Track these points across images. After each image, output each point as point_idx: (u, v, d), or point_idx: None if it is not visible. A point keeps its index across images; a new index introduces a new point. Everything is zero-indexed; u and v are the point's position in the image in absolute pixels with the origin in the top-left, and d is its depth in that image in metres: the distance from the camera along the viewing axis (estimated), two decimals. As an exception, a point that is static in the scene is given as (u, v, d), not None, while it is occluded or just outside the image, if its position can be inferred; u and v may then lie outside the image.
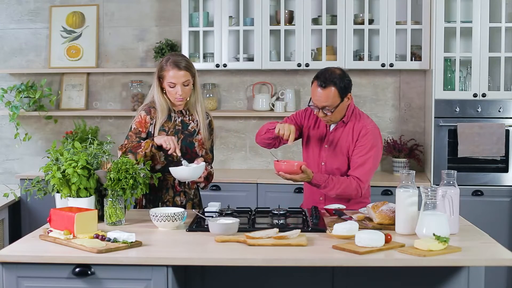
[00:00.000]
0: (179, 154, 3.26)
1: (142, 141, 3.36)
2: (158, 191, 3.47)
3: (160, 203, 3.46)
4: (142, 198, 3.50)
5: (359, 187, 3.36)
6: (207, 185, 3.62)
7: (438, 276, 2.82)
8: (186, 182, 3.50)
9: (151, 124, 3.41)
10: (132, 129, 3.41)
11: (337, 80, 3.37)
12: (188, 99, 3.46)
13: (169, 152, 3.26)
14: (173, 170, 3.29)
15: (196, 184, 3.57)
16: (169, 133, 3.42)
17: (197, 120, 3.52)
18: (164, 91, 3.44)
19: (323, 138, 3.54)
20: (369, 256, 2.56)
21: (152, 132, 3.41)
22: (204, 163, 3.36)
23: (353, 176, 3.38)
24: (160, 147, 3.29)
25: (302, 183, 3.57)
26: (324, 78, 3.38)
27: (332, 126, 3.52)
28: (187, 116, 3.52)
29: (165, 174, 3.45)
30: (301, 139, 3.66)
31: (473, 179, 4.67)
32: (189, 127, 3.51)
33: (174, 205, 3.46)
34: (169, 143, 3.24)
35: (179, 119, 3.48)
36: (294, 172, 3.34)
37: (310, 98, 3.45)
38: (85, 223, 2.81)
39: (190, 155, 3.46)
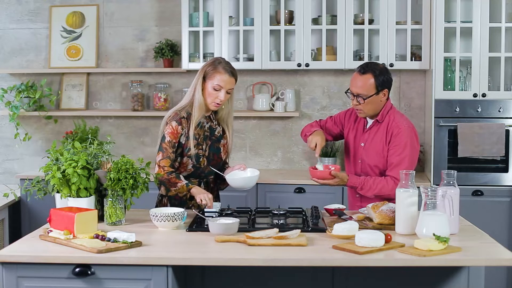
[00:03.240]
0: (213, 209, 3.29)
1: (180, 179, 3.36)
2: (183, 196, 3.46)
3: (185, 208, 3.45)
4: (167, 203, 3.50)
5: (395, 186, 3.29)
6: (226, 186, 3.68)
7: (438, 276, 2.82)
8: (211, 186, 3.56)
9: (181, 134, 3.41)
10: (166, 141, 3.39)
11: (377, 72, 3.43)
12: (223, 107, 3.49)
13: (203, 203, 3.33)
14: (230, 179, 3.39)
15: (217, 186, 3.62)
16: (199, 140, 3.43)
17: (221, 125, 3.56)
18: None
19: (360, 137, 3.57)
20: (369, 256, 2.56)
21: (184, 143, 3.40)
22: (258, 171, 3.44)
23: (390, 176, 3.39)
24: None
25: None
26: (366, 66, 3.47)
27: (368, 125, 3.55)
28: (214, 121, 3.54)
29: (190, 179, 3.46)
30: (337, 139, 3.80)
31: (473, 179, 4.67)
32: (216, 132, 3.53)
33: (199, 209, 3.47)
34: (206, 200, 3.28)
35: (208, 125, 3.50)
36: (325, 177, 3.38)
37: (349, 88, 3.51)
38: (85, 223, 2.81)
39: (216, 161, 3.51)
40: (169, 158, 3.37)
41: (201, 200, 3.27)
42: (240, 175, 3.44)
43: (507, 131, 4.61)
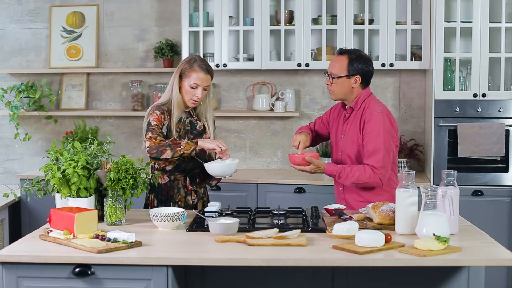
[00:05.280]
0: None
1: (176, 138, 3.39)
2: (169, 191, 3.48)
3: (171, 203, 3.47)
4: (153, 199, 3.52)
5: (373, 174, 3.32)
6: (217, 183, 3.68)
7: (438, 276, 2.82)
8: (197, 181, 3.56)
9: (164, 124, 3.42)
10: (153, 124, 3.39)
11: (353, 56, 3.43)
12: (201, 103, 3.52)
13: (218, 153, 3.35)
14: (208, 166, 3.35)
15: (205, 182, 3.61)
16: (180, 133, 3.45)
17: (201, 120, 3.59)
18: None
19: (341, 128, 3.57)
20: (369, 256, 2.56)
21: (165, 134, 3.43)
22: (237, 159, 3.44)
23: (367, 165, 3.36)
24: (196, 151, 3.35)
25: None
26: (346, 49, 3.51)
27: (347, 115, 3.55)
28: (194, 116, 3.56)
29: (176, 174, 3.47)
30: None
31: (473, 179, 4.67)
32: (197, 127, 3.56)
33: (186, 204, 3.49)
34: (222, 145, 3.32)
35: (188, 120, 3.53)
36: (300, 163, 3.38)
37: None
38: (85, 223, 2.81)
39: (200, 154, 3.51)
40: (158, 135, 3.36)
41: (220, 148, 3.31)
42: (218, 162, 3.41)
43: (507, 131, 4.61)
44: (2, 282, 2.61)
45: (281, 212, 3.21)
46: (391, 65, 4.86)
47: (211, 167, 3.36)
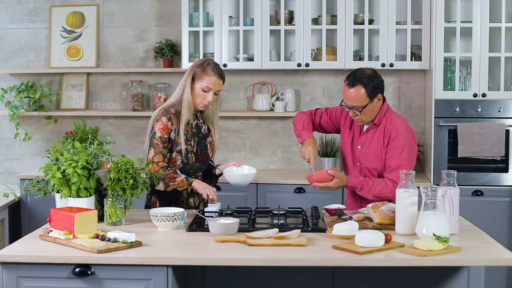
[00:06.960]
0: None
1: (178, 174, 3.39)
2: (172, 192, 3.48)
3: (174, 205, 3.46)
4: (156, 200, 3.52)
5: (394, 188, 3.31)
6: (215, 184, 3.71)
7: (438, 276, 2.82)
8: None
9: (172, 130, 3.42)
10: (157, 136, 3.40)
11: (365, 80, 3.36)
12: (209, 106, 3.53)
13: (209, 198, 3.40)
14: (228, 175, 3.45)
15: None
16: (187, 136, 3.45)
17: (206, 123, 3.60)
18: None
19: (357, 139, 3.54)
20: (369, 256, 2.56)
21: (173, 138, 3.43)
22: (255, 169, 3.51)
23: (389, 179, 3.37)
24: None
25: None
26: (354, 77, 3.40)
27: (365, 127, 3.52)
28: (200, 119, 3.57)
29: None
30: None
31: (473, 179, 4.67)
32: (202, 130, 3.56)
33: (188, 206, 3.50)
34: (211, 194, 3.36)
35: (194, 123, 3.53)
36: (325, 179, 3.33)
37: (342, 99, 3.47)
38: (85, 223, 2.81)
39: (203, 157, 3.54)
40: (161, 154, 3.39)
41: (207, 195, 3.34)
42: (238, 171, 3.49)
43: (507, 131, 4.61)
44: (2, 282, 2.61)
45: (281, 212, 3.21)
46: (391, 65, 4.86)
47: (232, 177, 3.45)
